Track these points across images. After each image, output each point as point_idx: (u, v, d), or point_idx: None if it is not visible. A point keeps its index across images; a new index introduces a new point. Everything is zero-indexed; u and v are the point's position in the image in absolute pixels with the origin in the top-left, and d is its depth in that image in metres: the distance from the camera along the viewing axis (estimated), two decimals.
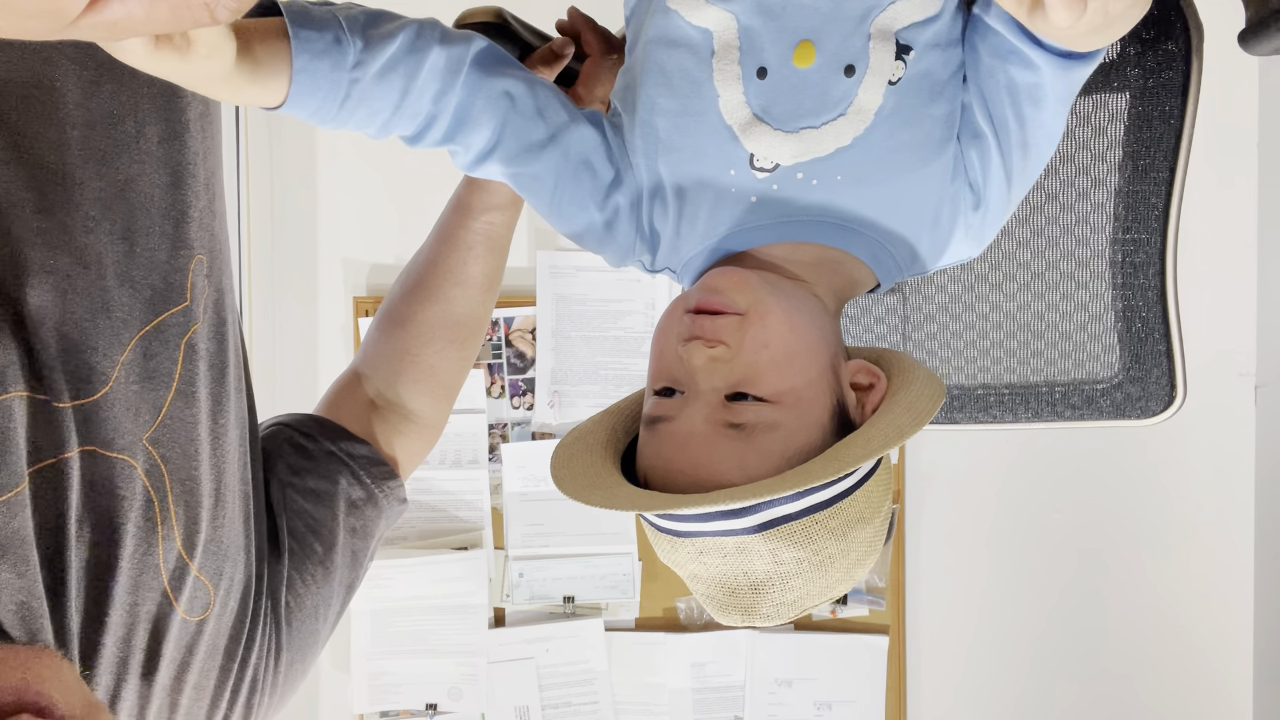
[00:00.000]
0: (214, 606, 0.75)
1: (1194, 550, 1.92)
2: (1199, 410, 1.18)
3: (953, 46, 0.74)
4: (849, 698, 1.90)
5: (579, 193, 0.77)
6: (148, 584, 0.70)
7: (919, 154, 0.73)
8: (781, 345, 0.69)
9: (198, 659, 0.74)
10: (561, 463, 0.74)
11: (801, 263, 0.76)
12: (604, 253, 0.81)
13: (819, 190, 0.74)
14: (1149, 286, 1.09)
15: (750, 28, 0.72)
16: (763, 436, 0.68)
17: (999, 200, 0.76)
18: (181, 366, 0.72)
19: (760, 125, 0.72)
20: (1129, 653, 1.94)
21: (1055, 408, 1.16)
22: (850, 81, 0.71)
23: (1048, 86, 0.70)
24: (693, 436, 0.68)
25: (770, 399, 0.68)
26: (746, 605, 0.71)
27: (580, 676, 1.91)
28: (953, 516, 1.93)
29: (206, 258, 0.75)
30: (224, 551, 0.75)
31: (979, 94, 0.74)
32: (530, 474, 1.92)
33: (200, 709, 0.76)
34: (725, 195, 0.75)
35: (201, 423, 0.74)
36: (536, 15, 0.98)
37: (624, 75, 0.81)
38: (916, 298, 1.18)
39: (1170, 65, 1.01)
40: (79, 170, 0.68)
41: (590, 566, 1.91)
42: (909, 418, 0.69)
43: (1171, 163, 1.04)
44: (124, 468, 0.68)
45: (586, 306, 1.92)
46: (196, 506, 0.73)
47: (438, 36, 0.71)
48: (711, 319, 0.69)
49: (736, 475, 0.67)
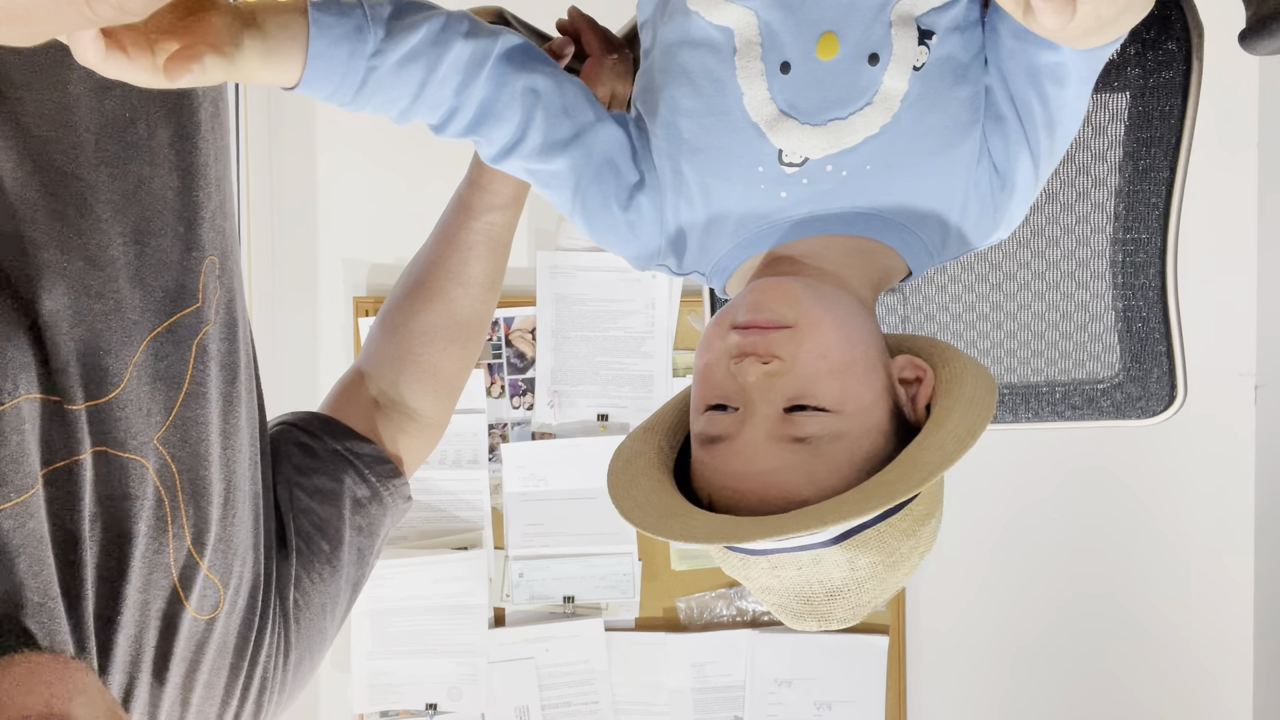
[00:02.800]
0: (224, 605, 0.75)
1: (1194, 550, 1.92)
2: (1199, 410, 1.18)
3: (972, 29, 0.73)
4: (849, 698, 1.90)
5: (603, 192, 0.76)
6: (158, 582, 0.70)
7: (946, 138, 0.73)
8: (839, 353, 0.68)
9: (208, 657, 0.74)
10: (622, 492, 0.72)
11: (835, 256, 0.75)
12: (626, 254, 0.81)
13: (849, 181, 0.73)
14: (1149, 286, 1.09)
15: (771, 23, 0.71)
16: (829, 447, 0.67)
17: (1026, 181, 0.76)
18: (193, 367, 0.72)
19: (787, 120, 0.72)
20: (1129, 652, 1.94)
21: (1056, 407, 1.16)
22: (875, 70, 0.71)
23: (1070, 65, 0.70)
24: (757, 454, 0.67)
25: (831, 408, 0.67)
26: (822, 612, 0.70)
27: (580, 676, 1.91)
28: (953, 516, 1.92)
29: (218, 259, 0.75)
30: (234, 550, 0.76)
31: (1000, 76, 0.73)
32: (530, 474, 1.92)
33: (211, 707, 0.76)
34: (754, 192, 0.74)
35: (212, 423, 0.74)
36: (537, 15, 0.99)
37: (643, 78, 0.80)
38: (917, 298, 1.18)
39: (1170, 65, 1.02)
40: (91, 173, 0.68)
41: (590, 566, 1.91)
42: (975, 415, 0.68)
43: (1172, 162, 1.04)
44: (136, 468, 0.69)
45: (586, 306, 1.92)
46: (207, 506, 0.73)
47: (464, 30, 0.71)
48: (762, 334, 0.68)
49: (808, 490, 0.66)
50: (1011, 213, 0.78)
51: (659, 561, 1.91)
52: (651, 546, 1.91)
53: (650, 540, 1.90)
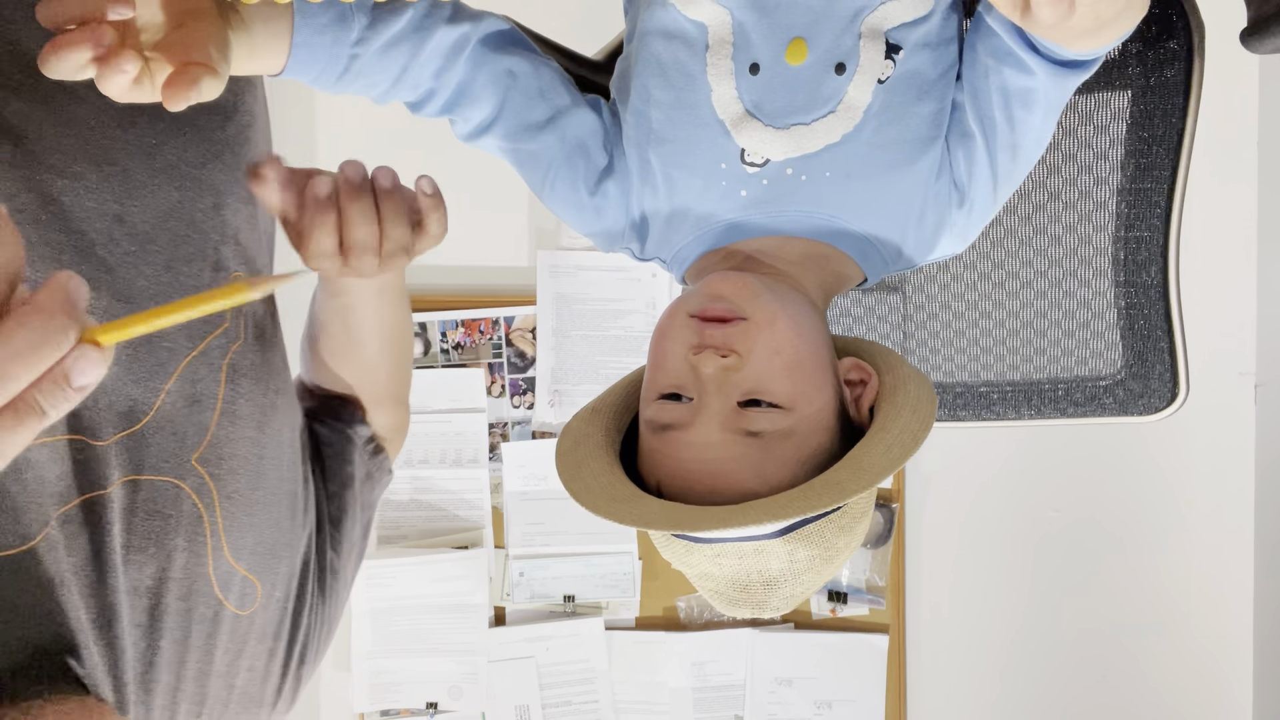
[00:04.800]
0: (260, 598, 0.77)
1: (1194, 549, 1.92)
2: (1199, 409, 1.18)
3: (944, 45, 0.74)
4: (849, 697, 1.90)
5: (572, 175, 0.77)
6: (200, 591, 0.71)
7: (905, 152, 0.74)
8: (792, 350, 0.70)
9: (249, 645, 0.76)
10: (571, 473, 0.73)
11: (789, 258, 0.76)
12: (593, 236, 0.82)
13: (808, 186, 0.74)
14: (1151, 284, 1.09)
15: (744, 24, 0.72)
16: (779, 444, 0.68)
17: (984, 199, 0.77)
18: (225, 386, 0.73)
19: (752, 121, 0.73)
20: (1129, 652, 1.94)
21: (1058, 405, 1.16)
22: (840, 79, 0.72)
23: (1040, 92, 0.71)
24: (709, 446, 0.68)
25: (784, 404, 0.68)
26: (758, 600, 0.71)
27: (580, 675, 1.91)
28: (953, 515, 1.93)
29: (245, 270, 0.76)
30: (271, 550, 0.77)
31: (972, 93, 0.74)
32: (531, 473, 1.92)
33: (254, 687, 0.78)
34: (715, 188, 0.75)
35: (249, 437, 0.75)
36: (537, 17, 0.99)
37: (620, 64, 0.81)
38: (919, 296, 1.18)
39: (1172, 63, 1.02)
40: (118, 206, 0.69)
41: (591, 565, 1.91)
42: (918, 421, 0.70)
43: (1173, 160, 1.04)
44: (170, 490, 0.70)
45: (587, 306, 1.92)
46: (246, 516, 0.74)
47: (446, 15, 0.71)
48: (721, 327, 0.69)
49: (755, 483, 0.67)
50: (969, 228, 0.79)
51: (659, 560, 1.91)
52: (652, 545, 1.90)
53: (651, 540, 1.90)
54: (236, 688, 0.76)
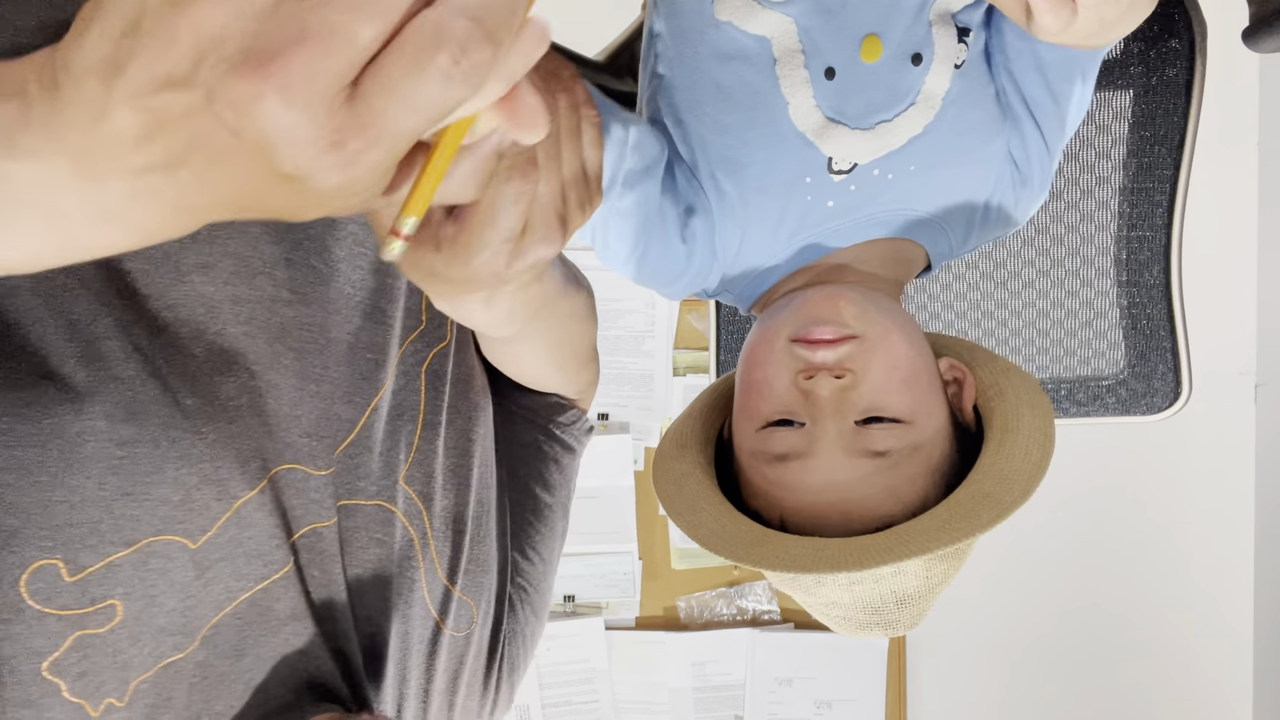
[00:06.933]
0: (478, 619, 0.75)
1: (1194, 549, 1.92)
2: (1199, 409, 1.18)
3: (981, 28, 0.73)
4: (849, 697, 1.90)
5: (664, 226, 0.73)
6: (417, 615, 0.69)
7: (983, 134, 0.73)
8: (908, 363, 0.67)
9: (468, 665, 0.75)
10: (690, 520, 0.67)
11: (876, 260, 0.74)
12: (676, 285, 0.77)
13: (894, 183, 0.72)
14: (1153, 283, 1.09)
15: (811, 29, 0.69)
16: (907, 460, 0.65)
17: (1043, 176, 0.77)
18: (425, 395, 0.70)
19: (836, 127, 0.70)
20: (1129, 651, 1.94)
21: (1061, 404, 1.16)
22: (918, 70, 0.70)
23: (1075, 59, 0.70)
24: (836, 469, 0.64)
25: (904, 419, 0.65)
26: (890, 620, 0.68)
27: (580, 675, 1.91)
28: None
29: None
30: (483, 567, 0.75)
31: (1009, 76, 0.73)
32: None
33: (473, 702, 0.77)
34: (798, 203, 0.72)
35: (452, 448, 0.71)
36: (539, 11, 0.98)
37: (649, 81, 0.77)
38: (921, 296, 1.18)
39: (1174, 62, 1.02)
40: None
41: (591, 565, 1.91)
42: (1039, 415, 0.68)
43: (1175, 160, 1.04)
44: (382, 513, 0.67)
45: None
46: (457, 535, 0.72)
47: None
48: (830, 347, 0.66)
49: (892, 505, 0.64)
50: (1030, 204, 0.78)
51: (659, 560, 1.91)
52: (652, 546, 1.90)
53: (651, 539, 1.89)
54: (456, 706, 0.74)
